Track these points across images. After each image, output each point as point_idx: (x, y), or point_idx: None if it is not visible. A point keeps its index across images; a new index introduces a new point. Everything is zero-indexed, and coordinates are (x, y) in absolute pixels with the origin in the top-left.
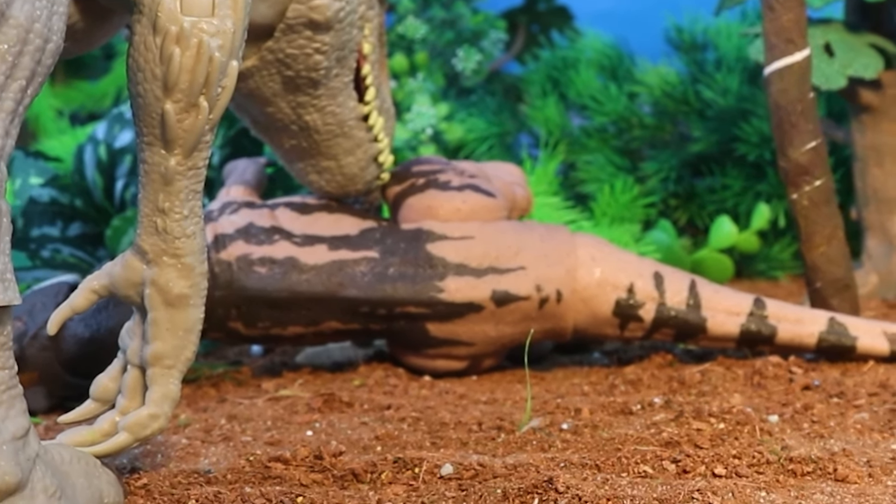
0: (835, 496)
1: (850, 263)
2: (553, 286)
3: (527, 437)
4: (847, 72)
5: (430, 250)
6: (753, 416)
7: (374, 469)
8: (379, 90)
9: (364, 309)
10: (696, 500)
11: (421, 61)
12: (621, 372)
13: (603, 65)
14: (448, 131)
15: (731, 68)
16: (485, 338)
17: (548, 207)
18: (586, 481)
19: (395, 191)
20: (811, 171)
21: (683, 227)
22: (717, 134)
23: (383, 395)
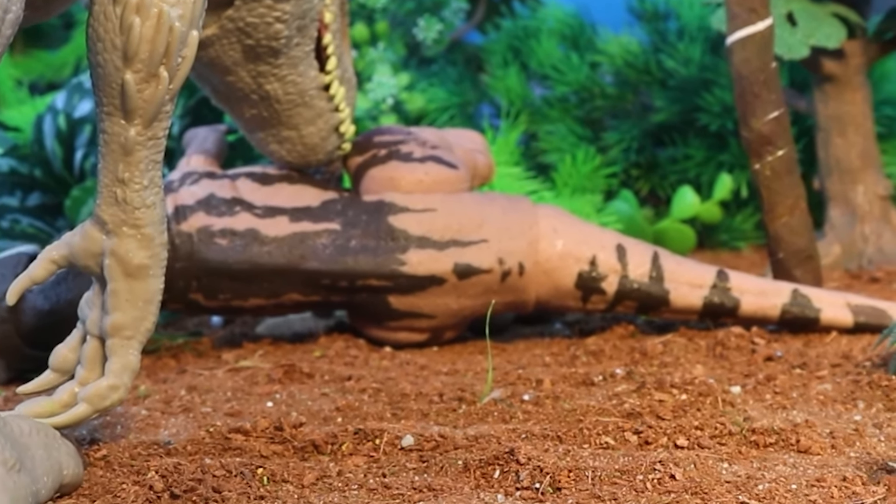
0: (797, 467)
1: (813, 234)
2: (515, 259)
3: (488, 408)
4: (810, 41)
5: (392, 223)
6: (716, 387)
7: (335, 440)
8: (340, 59)
9: (325, 281)
10: (657, 472)
11: (382, 31)
12: (583, 343)
13: (564, 34)
14: (409, 101)
15: (693, 38)
16: (446, 310)
17: (509, 178)
18: (548, 452)
19: (357, 161)
20: (774, 141)
21: (645, 197)
22: (679, 104)
23: (344, 367)
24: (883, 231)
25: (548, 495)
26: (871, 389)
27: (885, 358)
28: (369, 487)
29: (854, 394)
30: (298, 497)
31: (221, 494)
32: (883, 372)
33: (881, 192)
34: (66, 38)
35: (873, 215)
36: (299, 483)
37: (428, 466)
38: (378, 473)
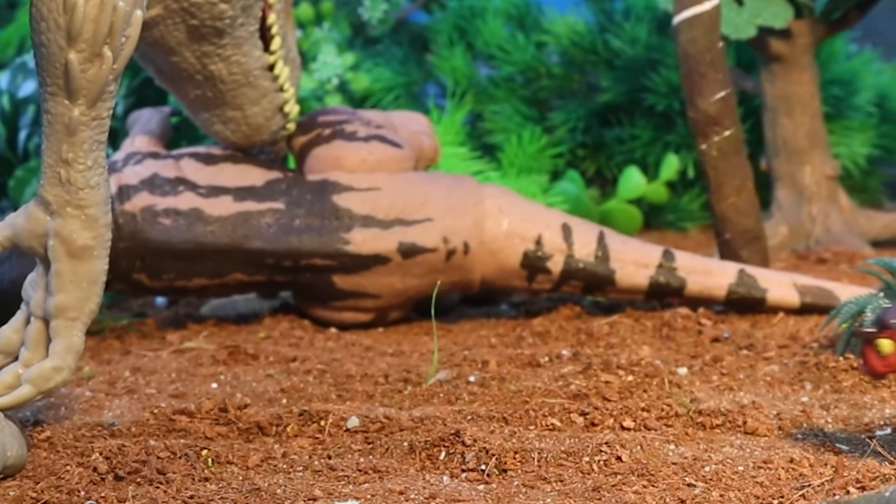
0: (744, 449)
1: (760, 214)
2: (460, 238)
3: (433, 389)
4: (757, 21)
5: (337, 202)
6: (662, 368)
7: (280, 422)
8: (284, 39)
9: (269, 261)
10: (604, 453)
11: (327, 10)
12: (529, 324)
13: (510, 14)
14: (354, 81)
15: (639, 17)
16: (391, 290)
17: (455, 158)
18: (493, 434)
19: (301, 141)
20: (720, 121)
21: (591, 177)
22: (626, 84)
23: (289, 348)
24: (830, 211)
25: (493, 477)
26: (819, 371)
27: (832, 339)
28: (314, 469)
29: (801, 375)
30: (243, 479)
31: (166, 476)
32: (830, 353)
33: (828, 173)
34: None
35: (820, 196)
36: (244, 464)
37: (373, 448)
38: (323, 455)
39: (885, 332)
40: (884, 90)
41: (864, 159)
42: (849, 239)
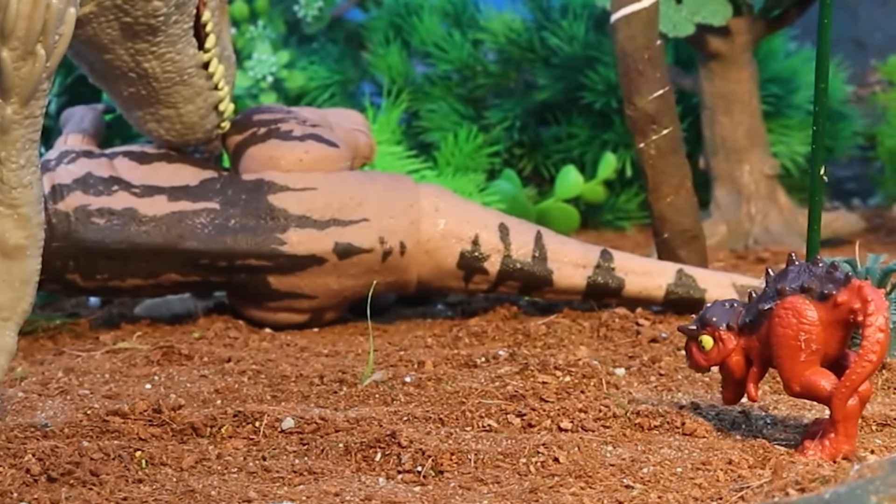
0: (682, 450)
1: (698, 213)
2: (396, 238)
3: (369, 390)
4: (695, 18)
5: (272, 201)
6: (600, 369)
7: (214, 423)
8: (219, 37)
9: (204, 261)
10: (541, 455)
11: (261, 8)
12: (465, 324)
13: (447, 11)
14: (289, 79)
15: (577, 15)
16: (327, 290)
17: (391, 157)
18: (430, 435)
19: (236, 140)
20: (658, 119)
21: (528, 176)
22: (563, 82)
23: (223, 348)
24: (769, 211)
25: (430, 478)
26: None
27: None
28: (249, 471)
29: None
30: (177, 480)
31: (99, 478)
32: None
33: (767, 172)
34: None
35: (759, 195)
36: (178, 466)
37: (308, 449)
38: (258, 456)
39: (706, 329)
40: None
41: (803, 158)
42: (788, 238)
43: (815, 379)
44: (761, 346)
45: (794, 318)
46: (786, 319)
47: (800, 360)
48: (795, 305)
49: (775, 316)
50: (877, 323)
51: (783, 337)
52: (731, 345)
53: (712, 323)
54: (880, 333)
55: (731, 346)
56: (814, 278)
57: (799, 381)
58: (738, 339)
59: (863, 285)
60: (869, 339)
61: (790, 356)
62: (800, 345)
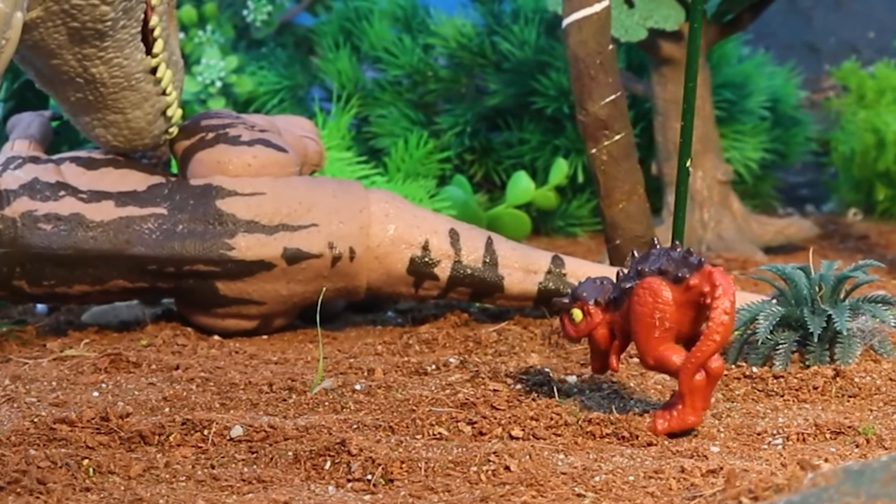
0: (635, 458)
1: (651, 220)
2: (346, 244)
3: (319, 398)
4: (647, 23)
5: (220, 207)
6: (551, 376)
7: (162, 431)
8: (167, 42)
9: (152, 267)
10: (492, 463)
11: (210, 12)
12: (416, 331)
13: (397, 16)
14: (238, 84)
15: (528, 20)
16: (276, 296)
17: (340, 162)
18: (380, 443)
19: (184, 145)
20: (610, 125)
21: (479, 182)
22: (514, 87)
23: (171, 355)
24: (722, 217)
25: (380, 487)
26: None
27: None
28: (197, 479)
29: None
30: (125, 489)
31: (46, 486)
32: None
33: (720, 178)
34: None
35: (712, 201)
36: (126, 474)
37: (257, 457)
38: (206, 465)
39: (576, 303)
40: (777, 93)
41: (756, 164)
42: (741, 245)
43: (667, 354)
44: (623, 321)
45: (650, 297)
46: (643, 298)
47: (654, 336)
48: (652, 286)
49: (635, 294)
50: (722, 306)
51: (640, 314)
52: (597, 319)
53: (582, 298)
54: (725, 316)
55: (597, 320)
56: (671, 262)
57: (653, 354)
58: (604, 314)
59: (713, 271)
60: (714, 321)
61: (646, 332)
62: (655, 322)
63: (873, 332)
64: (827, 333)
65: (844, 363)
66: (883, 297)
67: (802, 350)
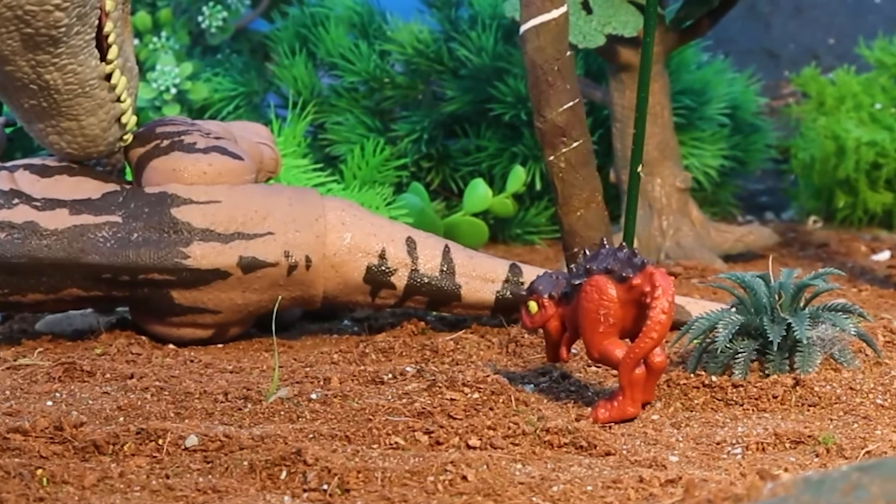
0: (593, 468)
1: (609, 227)
2: (302, 252)
3: (274, 407)
4: (606, 29)
5: (175, 215)
6: (509, 385)
7: (117, 440)
8: (122, 48)
9: (106, 275)
10: (449, 473)
11: (164, 18)
12: (372, 340)
13: (353, 22)
14: (193, 91)
15: (486, 26)
16: (231, 305)
17: (296, 170)
18: (336, 453)
19: (139, 153)
20: (568, 132)
21: (436, 189)
22: (472, 94)
23: (126, 364)
24: (681, 225)
25: (336, 497)
26: (669, 388)
27: (683, 356)
28: (152, 489)
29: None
30: (79, 499)
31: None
32: (681, 370)
33: (679, 185)
34: None
35: (671, 208)
36: (80, 484)
37: (212, 467)
38: (161, 474)
39: (532, 296)
40: (736, 100)
41: (715, 171)
42: (700, 253)
43: (610, 348)
44: (573, 315)
45: (596, 294)
46: (590, 295)
47: (599, 330)
48: (599, 284)
49: (583, 291)
50: (661, 305)
51: (587, 310)
52: (550, 311)
53: (538, 291)
54: (663, 315)
55: (550, 313)
56: (617, 262)
57: (597, 348)
58: (556, 307)
59: (654, 272)
60: (652, 319)
61: (591, 327)
62: (600, 318)
63: (833, 341)
64: (786, 342)
65: (804, 372)
66: (843, 306)
67: (762, 359)
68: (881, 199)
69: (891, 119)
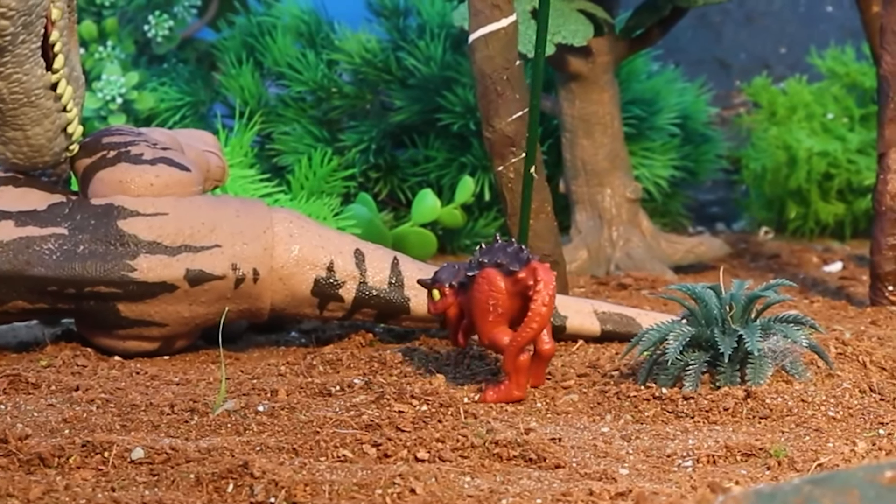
0: (542, 481)
1: (559, 238)
2: (249, 265)
3: (221, 419)
4: (555, 39)
5: (122, 227)
6: (458, 397)
7: (62, 453)
8: (68, 58)
9: (52, 288)
10: (397, 486)
11: (110, 28)
12: (320, 352)
13: (301, 31)
14: (139, 100)
15: (434, 35)
16: (178, 318)
17: (243, 180)
18: (283, 466)
19: (85, 163)
20: (518, 142)
21: (384, 200)
22: (420, 103)
23: (72, 376)
24: (631, 235)
25: None
26: (620, 400)
27: (633, 367)
28: (98, 502)
29: (601, 405)
30: None
31: None
32: (632, 382)
33: (629, 196)
34: None
35: (621, 219)
36: (25, 497)
37: (159, 480)
38: (107, 487)
39: (436, 284)
40: (687, 110)
41: (666, 182)
42: (650, 264)
43: (498, 336)
44: (468, 304)
45: (487, 286)
46: (482, 286)
47: (489, 319)
48: (489, 276)
49: (475, 282)
50: (541, 298)
51: (478, 300)
52: (451, 299)
53: (441, 280)
54: (543, 307)
55: (450, 301)
56: (506, 257)
57: (487, 335)
58: (455, 296)
59: (538, 267)
60: (533, 311)
61: (482, 316)
62: (489, 308)
63: (785, 353)
64: (738, 354)
65: (755, 384)
66: (794, 317)
67: (713, 371)
68: (833, 210)
69: (843, 129)
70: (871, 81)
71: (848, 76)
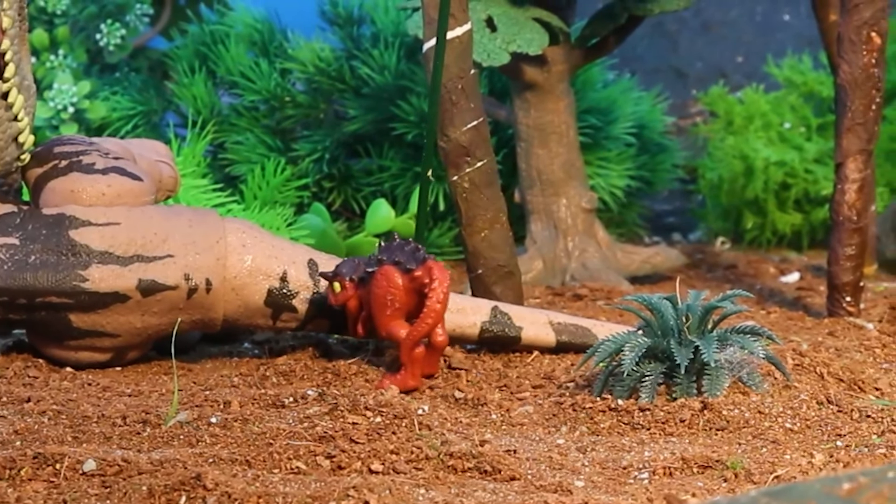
0: (497, 493)
1: (514, 249)
2: (202, 275)
3: (174, 431)
4: (510, 47)
5: (74, 237)
6: (412, 409)
7: (13, 465)
8: (19, 66)
9: (3, 298)
10: (351, 498)
11: (62, 36)
12: (273, 363)
13: (254, 40)
14: (91, 109)
15: (388, 44)
16: (130, 329)
17: (196, 190)
18: (236, 478)
19: (37, 173)
20: (472, 151)
21: (338, 210)
22: (374, 113)
23: (23, 388)
24: (587, 246)
25: None
26: (575, 412)
27: (589, 379)
28: None
29: (557, 416)
30: None
31: None
32: (587, 393)
33: (585, 205)
34: None
35: (576, 229)
36: None
37: (111, 492)
38: (59, 500)
39: (337, 277)
40: (643, 119)
41: (622, 191)
42: (606, 274)
43: (395, 329)
44: (367, 298)
45: (385, 282)
46: (380, 282)
47: (387, 313)
48: (387, 273)
49: (374, 278)
50: (436, 296)
51: (377, 295)
52: (350, 292)
53: (342, 273)
54: (438, 304)
55: (350, 294)
56: (403, 255)
57: (385, 328)
58: (355, 289)
59: (433, 266)
60: (428, 307)
61: (380, 310)
62: (387, 302)
63: (741, 364)
64: (694, 365)
65: (712, 395)
66: (751, 328)
67: (669, 382)
68: (790, 220)
69: (800, 139)
70: (828, 91)
71: (805, 85)
